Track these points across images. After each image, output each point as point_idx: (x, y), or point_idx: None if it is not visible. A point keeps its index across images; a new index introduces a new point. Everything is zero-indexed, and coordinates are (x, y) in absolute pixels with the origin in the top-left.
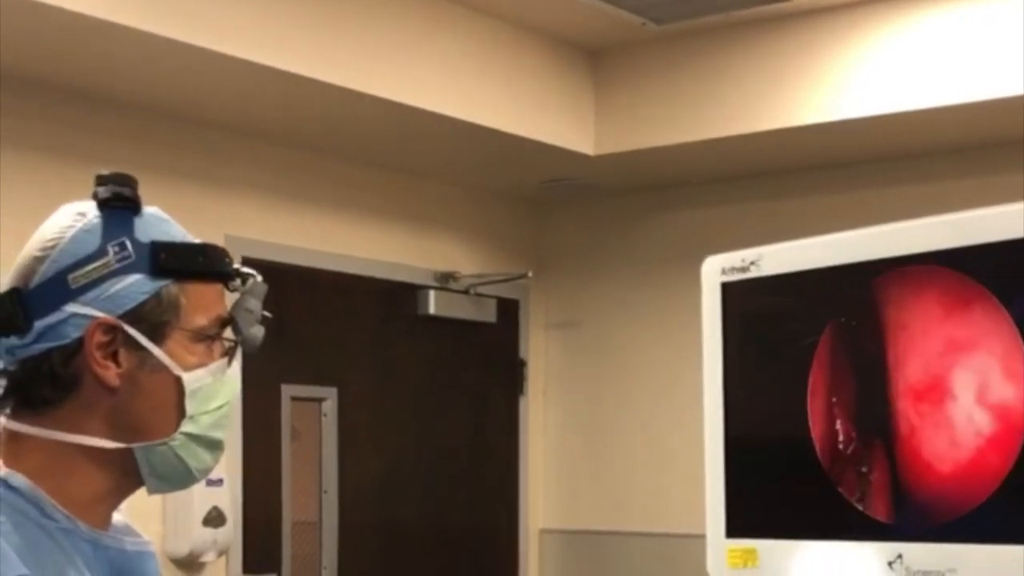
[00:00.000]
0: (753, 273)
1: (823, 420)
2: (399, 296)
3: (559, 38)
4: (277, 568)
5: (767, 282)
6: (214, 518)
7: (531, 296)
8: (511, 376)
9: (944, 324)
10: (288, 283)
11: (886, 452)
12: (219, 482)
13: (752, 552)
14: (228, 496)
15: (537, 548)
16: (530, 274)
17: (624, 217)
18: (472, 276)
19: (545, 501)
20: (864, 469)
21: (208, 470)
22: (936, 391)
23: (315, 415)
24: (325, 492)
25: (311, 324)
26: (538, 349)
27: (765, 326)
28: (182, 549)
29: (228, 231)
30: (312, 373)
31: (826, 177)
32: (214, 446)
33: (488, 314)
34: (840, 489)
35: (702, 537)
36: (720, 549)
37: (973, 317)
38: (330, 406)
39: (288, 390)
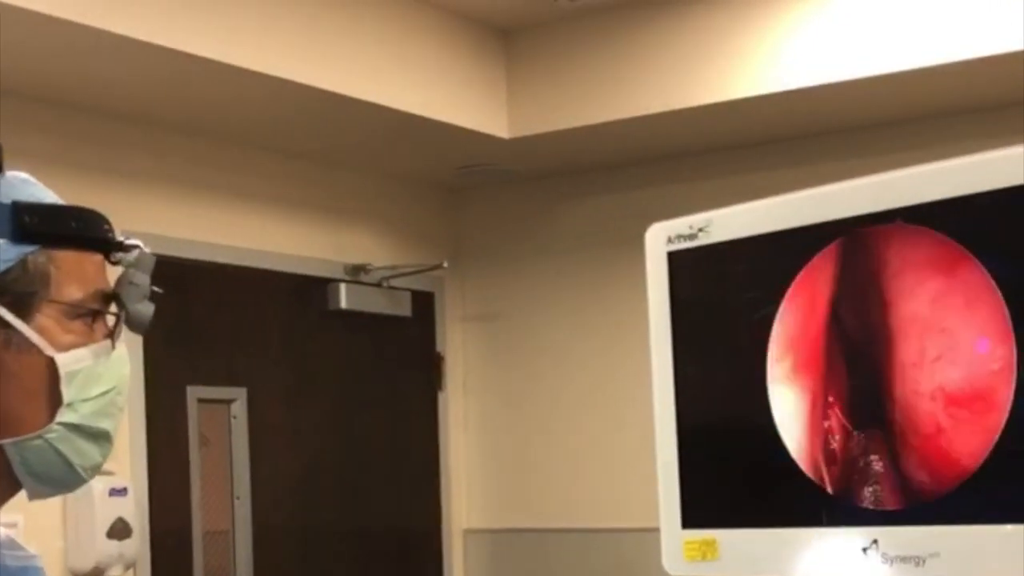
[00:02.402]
0: (702, 240)
1: (787, 398)
2: (309, 291)
3: (469, 16)
4: None
5: (717, 249)
6: (119, 530)
7: (447, 288)
8: (429, 371)
9: (920, 289)
10: (192, 280)
11: (858, 431)
12: (123, 491)
13: (712, 543)
14: (133, 506)
15: (462, 549)
16: (445, 265)
17: (542, 202)
18: (385, 268)
19: (469, 500)
20: (832, 449)
21: (96, 467)
22: (917, 367)
23: (224, 417)
24: (237, 499)
25: (217, 322)
26: (456, 343)
27: (717, 298)
28: (86, 564)
29: (127, 226)
30: (220, 373)
31: (757, 154)
32: (100, 438)
33: (403, 307)
34: (807, 472)
35: (632, 531)
36: (676, 541)
37: (948, 280)
38: (240, 407)
39: (195, 391)
